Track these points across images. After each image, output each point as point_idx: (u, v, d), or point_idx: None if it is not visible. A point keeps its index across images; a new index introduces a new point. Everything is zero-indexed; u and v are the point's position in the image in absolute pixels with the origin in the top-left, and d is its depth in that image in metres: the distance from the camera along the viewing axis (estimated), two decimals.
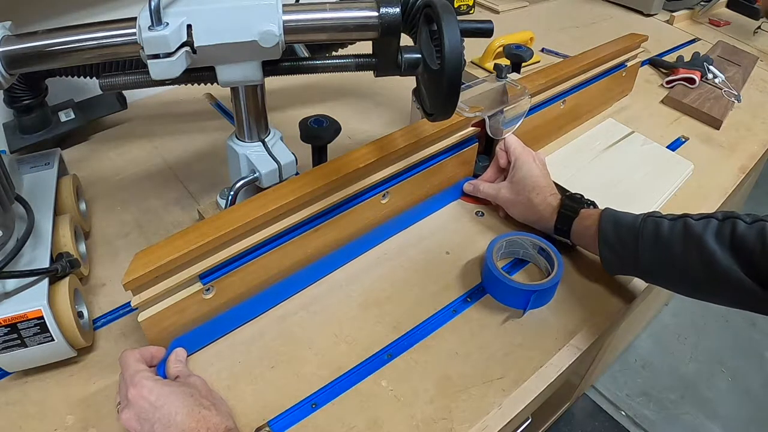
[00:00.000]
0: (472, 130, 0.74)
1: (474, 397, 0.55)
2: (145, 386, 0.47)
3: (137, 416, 0.46)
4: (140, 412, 0.46)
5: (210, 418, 0.47)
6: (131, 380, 0.48)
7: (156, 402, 0.46)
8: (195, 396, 0.48)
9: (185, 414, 0.46)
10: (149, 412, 0.46)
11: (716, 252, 0.53)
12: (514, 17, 1.38)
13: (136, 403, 0.46)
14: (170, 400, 0.46)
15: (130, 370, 0.49)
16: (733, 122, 1.02)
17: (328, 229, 0.63)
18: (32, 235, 0.54)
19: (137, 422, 0.46)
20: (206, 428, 0.46)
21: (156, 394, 0.47)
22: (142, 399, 0.46)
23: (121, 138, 0.88)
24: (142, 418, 0.46)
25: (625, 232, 0.61)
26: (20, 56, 0.48)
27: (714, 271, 0.53)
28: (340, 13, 0.50)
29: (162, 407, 0.46)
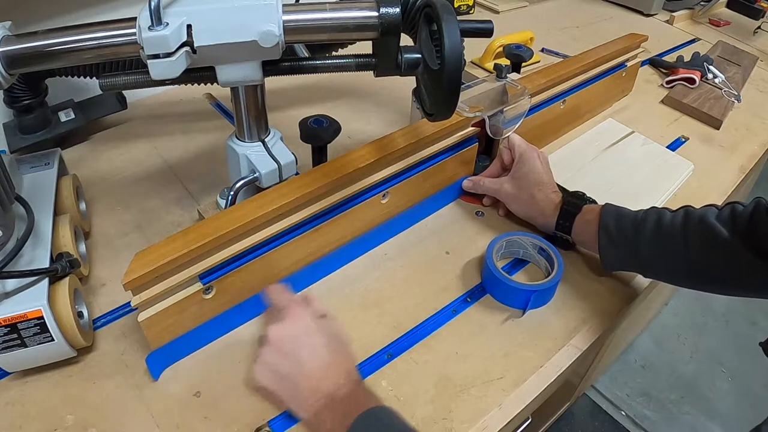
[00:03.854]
0: (472, 130, 0.74)
1: (474, 397, 0.55)
2: (300, 314, 0.51)
3: (281, 346, 0.49)
4: (289, 341, 0.49)
5: (349, 362, 0.51)
6: (288, 305, 0.52)
7: (309, 331, 0.50)
8: (340, 337, 0.52)
9: (331, 350, 0.50)
10: (298, 339, 0.49)
11: (715, 227, 0.55)
12: (514, 17, 1.39)
13: (293, 325, 0.50)
14: (320, 334, 0.50)
15: (283, 297, 0.53)
16: (733, 122, 1.02)
17: (328, 229, 0.63)
18: (32, 235, 0.54)
19: (279, 355, 0.49)
20: (346, 371, 0.49)
21: (314, 325, 0.51)
22: (300, 322, 0.50)
23: (121, 138, 0.88)
24: (289, 345, 0.49)
25: (627, 223, 0.61)
26: (20, 56, 0.48)
27: (712, 246, 0.55)
28: (340, 13, 0.50)
29: (313, 335, 0.50)
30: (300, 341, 0.50)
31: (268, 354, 0.50)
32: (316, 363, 0.49)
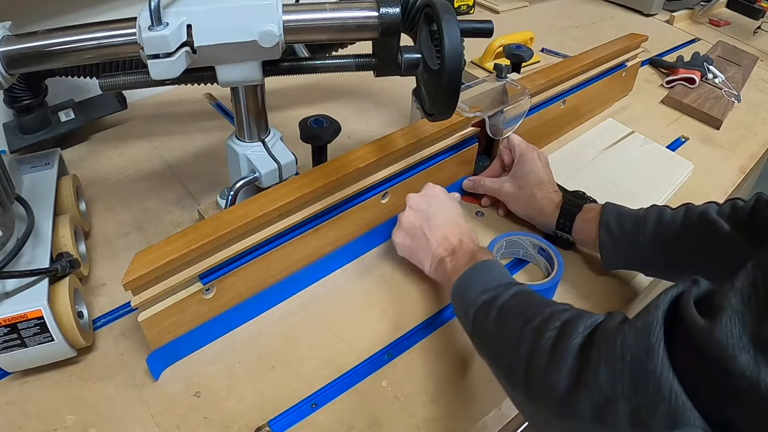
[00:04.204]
0: (472, 130, 0.74)
1: (474, 397, 0.55)
2: (435, 188, 0.65)
3: (417, 206, 0.63)
4: (424, 200, 0.63)
5: (471, 230, 0.62)
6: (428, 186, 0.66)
7: (441, 198, 0.64)
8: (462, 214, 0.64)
9: (457, 215, 0.63)
10: (432, 201, 0.63)
11: (717, 221, 0.56)
12: (514, 17, 1.38)
13: (428, 192, 0.64)
14: (452, 203, 0.64)
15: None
16: (733, 122, 1.02)
17: (328, 229, 0.63)
18: (32, 235, 0.54)
19: (422, 199, 0.63)
20: (469, 233, 0.61)
21: (445, 196, 0.65)
22: (435, 190, 0.65)
23: (121, 138, 0.87)
24: (425, 203, 0.63)
25: (627, 220, 0.62)
26: (20, 56, 0.48)
27: (713, 240, 0.55)
28: (340, 13, 0.50)
29: (445, 203, 0.63)
30: (434, 203, 0.63)
31: (405, 217, 0.63)
32: (445, 219, 0.61)
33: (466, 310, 0.51)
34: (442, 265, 0.58)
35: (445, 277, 0.57)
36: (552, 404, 0.37)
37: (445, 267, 0.57)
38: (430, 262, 0.60)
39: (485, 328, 0.48)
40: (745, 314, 0.29)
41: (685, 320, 0.32)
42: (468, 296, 0.51)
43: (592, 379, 0.34)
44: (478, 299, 0.49)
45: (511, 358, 0.43)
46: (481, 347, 0.50)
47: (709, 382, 0.30)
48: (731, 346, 0.29)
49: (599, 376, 0.34)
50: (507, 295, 0.48)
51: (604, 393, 0.34)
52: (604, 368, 0.34)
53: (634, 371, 0.33)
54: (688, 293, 0.34)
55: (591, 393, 0.34)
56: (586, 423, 0.34)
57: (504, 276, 0.52)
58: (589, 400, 0.34)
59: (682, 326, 0.32)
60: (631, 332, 0.34)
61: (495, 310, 0.47)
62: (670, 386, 0.31)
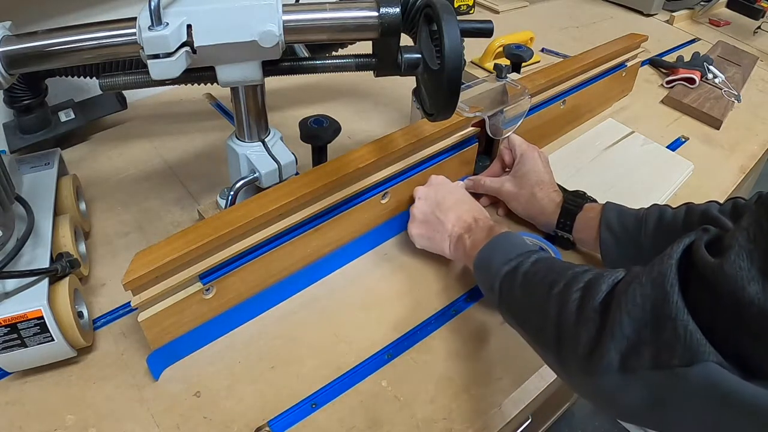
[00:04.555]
0: (472, 130, 0.74)
1: (474, 397, 0.55)
2: (442, 177, 0.69)
3: (425, 195, 0.66)
4: (431, 188, 0.67)
5: (479, 209, 0.65)
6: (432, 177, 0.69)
7: (446, 184, 0.67)
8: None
9: (466, 196, 0.67)
10: (441, 188, 0.66)
11: (719, 219, 0.56)
12: (514, 17, 1.38)
13: (433, 181, 0.68)
14: (458, 187, 0.68)
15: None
16: (733, 122, 1.02)
17: (328, 229, 0.63)
18: (32, 235, 0.54)
19: (428, 189, 0.67)
20: (482, 212, 0.64)
21: (449, 182, 0.68)
22: (439, 179, 0.68)
23: (121, 138, 0.87)
24: (432, 191, 0.66)
25: (629, 219, 0.62)
26: (20, 56, 0.48)
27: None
28: (340, 13, 0.50)
29: (452, 187, 0.67)
30: (441, 189, 0.66)
31: (416, 207, 0.66)
32: (455, 201, 0.64)
33: (491, 283, 0.52)
34: (461, 242, 0.60)
35: (465, 254, 0.59)
36: (583, 362, 0.38)
37: (464, 244, 0.59)
38: (448, 242, 0.63)
39: (512, 297, 0.50)
40: (752, 249, 0.31)
41: (697, 264, 0.34)
42: (491, 268, 0.53)
43: (618, 330, 0.36)
44: (501, 270, 0.51)
45: (540, 322, 0.44)
46: (509, 316, 0.51)
47: (723, 316, 0.32)
48: (740, 278, 0.30)
49: (623, 326, 0.36)
50: (529, 263, 0.50)
51: (630, 341, 0.36)
52: (627, 318, 0.36)
53: (653, 317, 0.35)
54: (699, 240, 0.35)
55: (618, 344, 0.36)
56: (614, 375, 0.36)
57: (523, 245, 0.54)
58: (617, 351, 0.36)
59: (695, 271, 0.34)
60: (648, 281, 0.36)
61: (519, 278, 0.49)
62: (686, 326, 0.32)
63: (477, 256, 0.56)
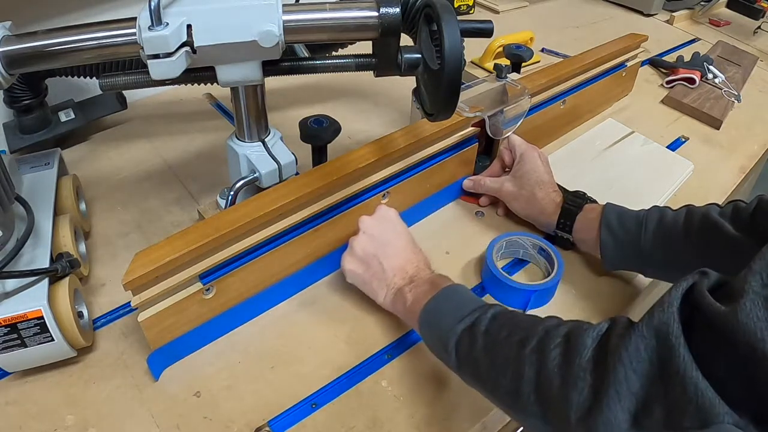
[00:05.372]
0: (472, 130, 0.74)
1: (474, 397, 0.55)
2: (388, 211, 0.61)
3: (370, 231, 0.59)
4: (379, 225, 0.59)
5: (425, 257, 0.60)
6: (378, 207, 0.62)
7: (395, 223, 0.60)
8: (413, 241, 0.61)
9: (412, 243, 0.60)
10: (386, 226, 0.60)
11: (719, 221, 0.55)
12: (514, 17, 1.38)
13: (383, 215, 0.60)
14: (405, 230, 0.61)
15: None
16: (733, 122, 1.02)
17: (328, 229, 0.63)
18: (32, 235, 0.54)
19: (376, 224, 0.59)
20: (425, 261, 0.59)
21: (399, 221, 0.61)
22: (389, 214, 0.61)
23: (121, 138, 0.87)
24: (378, 229, 0.59)
25: (629, 220, 0.62)
26: (20, 56, 0.48)
27: (716, 240, 0.55)
28: (340, 13, 0.50)
29: (400, 230, 0.60)
30: (390, 230, 0.60)
31: (358, 242, 0.59)
32: (401, 247, 0.59)
33: (444, 343, 0.48)
34: (401, 295, 0.56)
35: (404, 308, 0.55)
36: (580, 424, 0.36)
37: (404, 298, 0.55)
38: (385, 292, 0.58)
39: (473, 359, 0.46)
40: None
41: (703, 310, 0.31)
42: (442, 327, 0.49)
43: (623, 388, 0.33)
44: (456, 328, 0.47)
45: (514, 386, 0.41)
46: (471, 379, 0.47)
47: (738, 369, 0.29)
48: (759, 329, 0.28)
49: (630, 383, 0.33)
50: (486, 319, 0.46)
51: (638, 399, 0.33)
52: (633, 374, 0.33)
53: (660, 372, 0.32)
54: (700, 284, 0.33)
55: (625, 403, 0.33)
56: None
57: (473, 299, 0.51)
58: (625, 410, 0.33)
59: (701, 318, 0.32)
60: (650, 332, 0.33)
61: (480, 338, 0.45)
62: (695, 384, 0.30)
63: (422, 313, 0.51)
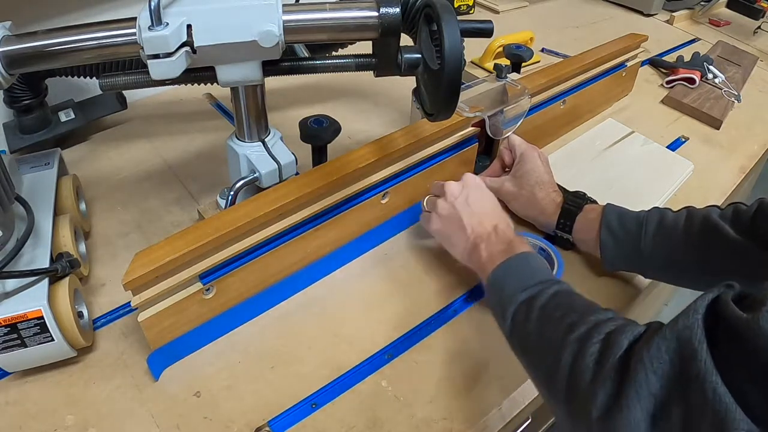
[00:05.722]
0: (472, 130, 0.74)
1: (474, 397, 0.55)
2: (478, 179, 0.65)
3: (455, 194, 0.62)
4: (464, 190, 0.62)
5: (505, 219, 0.62)
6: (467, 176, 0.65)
7: (479, 187, 0.63)
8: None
9: (495, 204, 0.63)
10: (469, 189, 0.62)
11: (719, 223, 0.56)
12: (514, 17, 1.38)
13: (467, 182, 0.63)
14: (490, 194, 0.64)
15: None
16: (733, 122, 1.02)
17: (328, 229, 0.63)
18: (32, 235, 0.54)
19: (460, 188, 0.63)
20: (506, 221, 0.61)
21: (483, 186, 0.64)
22: (474, 181, 0.64)
23: (121, 138, 0.87)
24: (465, 193, 0.62)
25: (629, 220, 0.62)
26: (20, 56, 0.48)
27: (716, 242, 0.55)
28: (340, 13, 0.50)
29: (484, 192, 0.63)
30: (471, 190, 0.62)
31: (441, 205, 0.62)
32: (481, 206, 0.61)
33: (503, 308, 0.50)
34: (476, 251, 0.58)
35: (479, 264, 0.57)
36: (600, 422, 0.36)
37: (479, 253, 0.57)
38: (464, 245, 0.60)
39: (525, 330, 0.47)
40: None
41: (727, 318, 0.32)
42: (505, 292, 0.50)
43: (644, 389, 0.33)
44: (517, 297, 0.49)
45: (553, 367, 0.41)
46: (519, 350, 0.48)
47: (760, 380, 0.29)
48: None
49: (650, 384, 0.33)
50: (547, 295, 0.47)
51: (657, 399, 0.33)
52: (653, 376, 0.33)
53: (681, 374, 0.33)
54: (726, 295, 0.33)
55: (644, 403, 0.33)
56: None
57: (542, 271, 0.52)
58: (644, 410, 0.33)
59: (724, 326, 0.32)
60: (672, 336, 0.34)
61: (535, 312, 0.46)
62: (714, 389, 0.30)
63: (492, 275, 0.53)
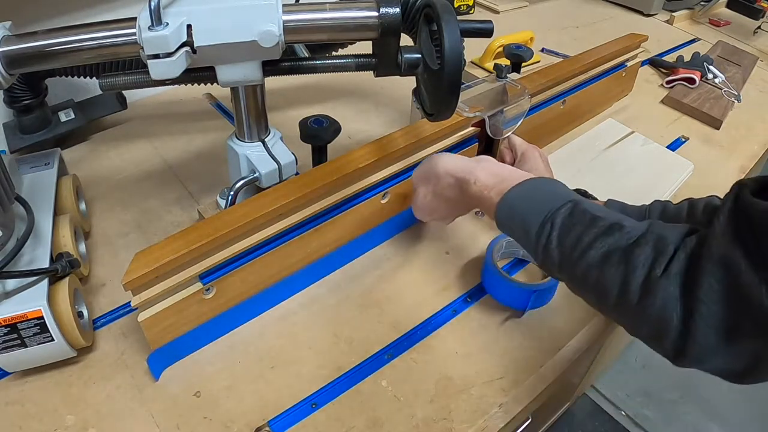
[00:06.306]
0: (472, 130, 0.74)
1: (474, 397, 0.55)
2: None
3: (423, 173, 0.60)
4: (427, 163, 0.60)
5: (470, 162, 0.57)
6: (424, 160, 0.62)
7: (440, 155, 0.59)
8: None
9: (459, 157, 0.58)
10: (434, 159, 0.59)
11: None
12: (514, 17, 1.39)
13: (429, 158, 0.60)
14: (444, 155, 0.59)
15: None
16: (733, 122, 1.02)
17: (328, 229, 0.63)
18: (32, 235, 0.54)
19: (423, 177, 0.60)
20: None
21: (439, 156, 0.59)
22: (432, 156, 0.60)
23: (121, 138, 0.87)
24: (427, 167, 0.60)
25: (632, 213, 0.62)
26: (20, 56, 0.48)
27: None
28: (340, 13, 0.50)
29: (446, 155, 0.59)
30: (431, 164, 0.59)
31: (418, 193, 0.61)
32: (450, 156, 0.58)
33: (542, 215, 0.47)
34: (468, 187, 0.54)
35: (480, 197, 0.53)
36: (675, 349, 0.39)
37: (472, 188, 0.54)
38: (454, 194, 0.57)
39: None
40: None
41: (753, 215, 0.35)
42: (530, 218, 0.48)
43: (713, 319, 0.36)
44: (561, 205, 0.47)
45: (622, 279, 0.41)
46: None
47: None
48: None
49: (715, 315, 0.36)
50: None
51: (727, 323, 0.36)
52: (714, 306, 0.36)
53: (737, 298, 0.35)
54: (743, 191, 0.37)
55: (713, 329, 0.36)
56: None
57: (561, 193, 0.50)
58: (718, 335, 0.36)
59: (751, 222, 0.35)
60: (717, 268, 0.36)
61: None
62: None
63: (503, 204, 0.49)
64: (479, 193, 0.53)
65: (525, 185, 0.50)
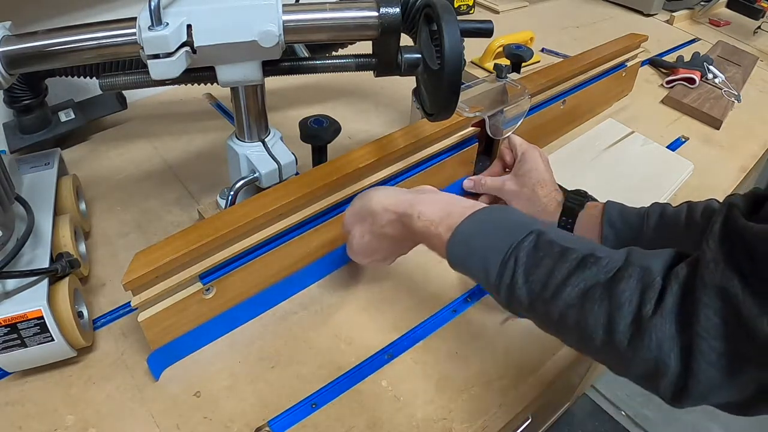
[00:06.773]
0: (472, 130, 0.74)
1: (474, 397, 0.55)
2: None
3: (356, 214, 0.55)
4: (359, 201, 0.55)
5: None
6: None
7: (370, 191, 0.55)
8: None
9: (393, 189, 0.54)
10: (364, 196, 0.55)
11: None
12: (514, 17, 1.39)
13: (360, 196, 0.56)
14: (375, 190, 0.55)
15: None
16: (733, 122, 1.02)
17: (328, 229, 0.63)
18: (32, 235, 0.54)
19: (354, 206, 0.56)
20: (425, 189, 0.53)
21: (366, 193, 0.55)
22: (360, 198, 0.55)
23: (121, 138, 0.87)
24: (360, 204, 0.55)
25: (630, 215, 0.62)
26: (20, 56, 0.48)
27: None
28: (340, 13, 0.50)
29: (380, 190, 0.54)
30: (363, 203, 0.54)
31: (353, 234, 0.55)
32: (378, 191, 0.54)
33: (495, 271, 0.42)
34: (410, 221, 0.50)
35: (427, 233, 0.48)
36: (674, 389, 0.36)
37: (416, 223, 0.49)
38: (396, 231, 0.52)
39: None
40: None
41: (744, 237, 0.33)
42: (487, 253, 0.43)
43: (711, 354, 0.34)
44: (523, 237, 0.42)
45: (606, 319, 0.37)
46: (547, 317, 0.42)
47: None
48: None
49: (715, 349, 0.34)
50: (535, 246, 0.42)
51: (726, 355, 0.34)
52: (714, 341, 0.34)
53: (736, 326, 0.33)
54: (732, 212, 0.35)
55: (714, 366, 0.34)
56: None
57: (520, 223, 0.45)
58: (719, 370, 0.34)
59: (744, 244, 0.33)
60: (712, 296, 0.34)
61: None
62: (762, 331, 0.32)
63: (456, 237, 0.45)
64: (425, 229, 0.48)
65: (477, 216, 0.45)
